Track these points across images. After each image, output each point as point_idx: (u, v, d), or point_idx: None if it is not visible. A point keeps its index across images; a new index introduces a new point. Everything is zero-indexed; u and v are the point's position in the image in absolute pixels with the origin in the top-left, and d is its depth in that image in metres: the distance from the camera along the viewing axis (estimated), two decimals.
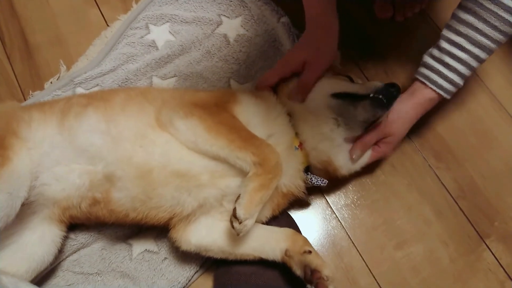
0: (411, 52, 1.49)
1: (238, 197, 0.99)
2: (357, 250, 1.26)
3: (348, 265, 1.24)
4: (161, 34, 1.44)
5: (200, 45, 1.42)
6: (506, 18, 1.03)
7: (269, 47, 1.43)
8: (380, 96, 1.07)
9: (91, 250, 1.21)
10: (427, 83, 1.16)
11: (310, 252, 1.03)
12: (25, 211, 1.06)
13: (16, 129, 1.05)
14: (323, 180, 1.15)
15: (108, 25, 1.49)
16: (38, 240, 1.08)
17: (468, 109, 1.43)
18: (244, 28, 1.45)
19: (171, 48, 1.41)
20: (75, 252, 1.20)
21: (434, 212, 1.32)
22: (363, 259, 1.25)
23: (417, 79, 1.19)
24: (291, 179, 1.11)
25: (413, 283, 1.24)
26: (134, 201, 1.05)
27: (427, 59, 1.17)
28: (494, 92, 1.45)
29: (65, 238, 1.16)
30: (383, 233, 1.28)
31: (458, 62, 1.12)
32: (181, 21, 1.45)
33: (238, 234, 1.00)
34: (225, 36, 1.44)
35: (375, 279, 1.23)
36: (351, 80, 1.21)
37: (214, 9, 1.47)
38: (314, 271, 1.01)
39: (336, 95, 1.13)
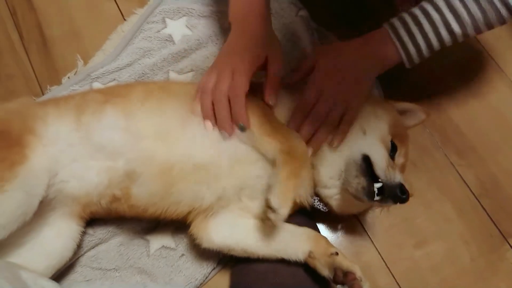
0: None
1: (269, 188, 0.97)
2: (376, 248, 1.24)
3: (366, 264, 1.22)
4: (178, 28, 1.42)
5: (217, 39, 1.40)
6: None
7: (287, 41, 1.39)
8: (386, 196, 1.01)
9: (109, 246, 1.21)
10: (393, 37, 1.06)
11: (337, 254, 1.02)
12: (45, 207, 1.06)
13: (32, 126, 1.03)
14: (324, 207, 1.15)
15: (124, 19, 1.47)
16: (57, 236, 1.08)
17: (491, 104, 1.39)
18: None
19: (187, 42, 1.39)
20: (93, 248, 1.20)
21: (455, 210, 1.29)
22: (382, 258, 1.23)
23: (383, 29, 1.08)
24: (305, 191, 1.09)
25: (432, 283, 1.22)
26: (154, 197, 1.05)
27: (405, 15, 1.07)
28: None
29: (84, 233, 1.16)
30: (402, 232, 1.26)
31: (431, 25, 1.03)
32: (198, 15, 1.43)
33: (274, 225, 0.99)
34: None
35: (394, 279, 1.21)
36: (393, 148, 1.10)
37: None
38: (347, 273, 1.00)
39: (366, 159, 1.05)
